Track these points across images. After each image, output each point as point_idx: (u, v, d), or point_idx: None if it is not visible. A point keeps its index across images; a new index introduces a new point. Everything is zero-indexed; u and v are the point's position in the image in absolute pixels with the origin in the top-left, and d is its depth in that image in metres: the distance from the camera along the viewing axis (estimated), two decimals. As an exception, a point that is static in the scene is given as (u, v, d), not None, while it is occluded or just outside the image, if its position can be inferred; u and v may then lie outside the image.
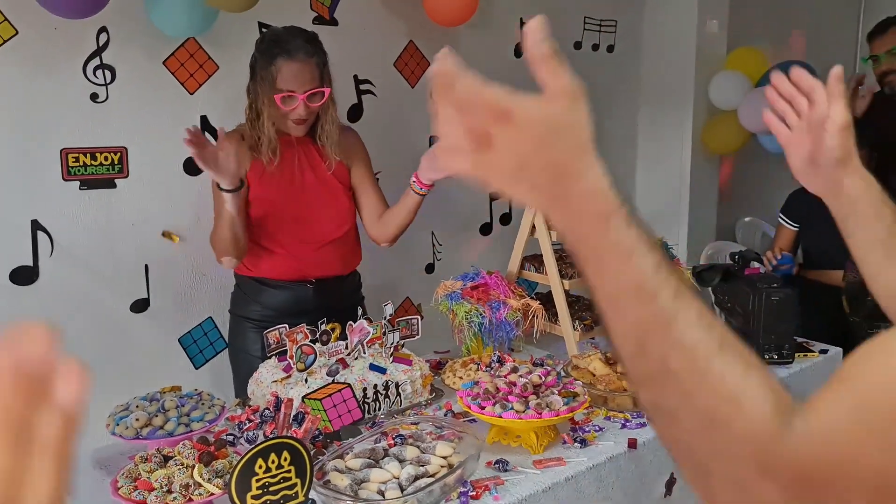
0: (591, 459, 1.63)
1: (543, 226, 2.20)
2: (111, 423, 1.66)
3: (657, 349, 0.60)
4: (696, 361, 0.58)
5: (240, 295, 2.37)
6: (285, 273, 2.28)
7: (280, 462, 1.35)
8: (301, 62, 2.11)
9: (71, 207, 2.40)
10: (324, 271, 2.32)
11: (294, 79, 2.11)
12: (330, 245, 2.32)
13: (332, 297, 2.31)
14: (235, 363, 2.38)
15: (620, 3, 3.85)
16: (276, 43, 2.14)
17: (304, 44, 2.13)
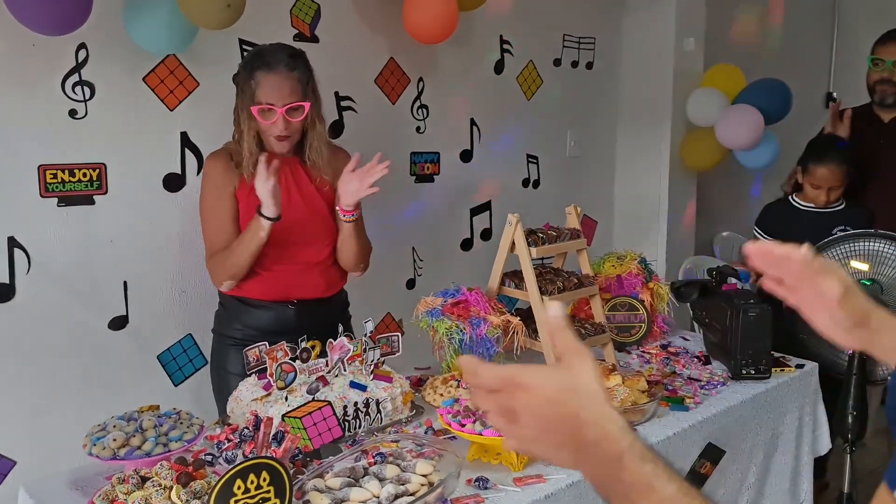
0: (571, 476, 1.64)
1: (523, 242, 2.21)
2: (88, 443, 1.64)
3: None
4: None
5: (223, 314, 2.35)
6: (268, 293, 2.26)
7: (259, 482, 1.35)
8: (281, 75, 2.10)
9: (48, 224, 2.38)
10: (306, 293, 2.29)
11: (272, 92, 2.09)
12: (314, 267, 2.29)
13: (315, 317, 2.28)
14: (217, 382, 2.35)
15: (599, 21, 3.89)
16: (257, 56, 2.15)
17: (286, 58, 2.12)
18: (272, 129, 2.14)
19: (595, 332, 2.30)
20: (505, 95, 3.56)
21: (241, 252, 2.15)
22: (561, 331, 0.74)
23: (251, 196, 2.15)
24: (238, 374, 2.19)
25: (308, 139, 2.23)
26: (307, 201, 2.26)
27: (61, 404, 2.45)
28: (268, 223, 2.08)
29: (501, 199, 3.60)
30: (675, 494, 0.66)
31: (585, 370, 0.72)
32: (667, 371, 2.29)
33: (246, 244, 2.13)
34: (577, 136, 3.89)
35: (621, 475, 0.68)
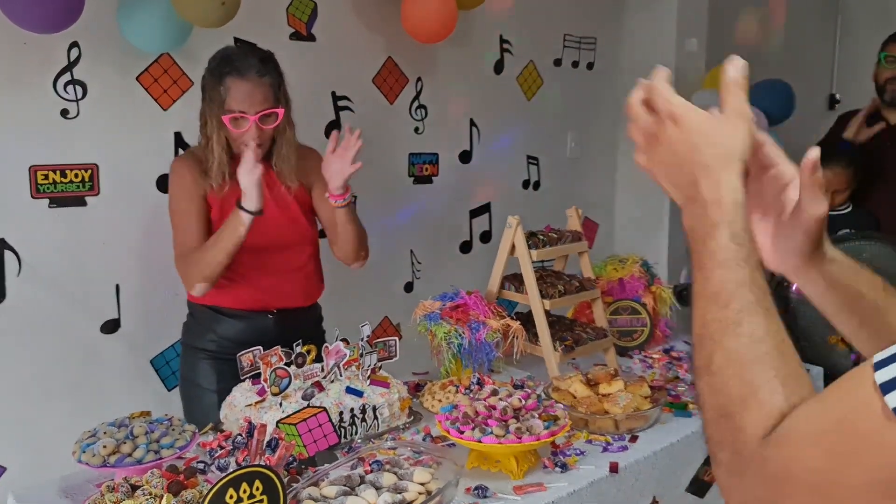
0: (572, 484, 1.60)
1: (524, 244, 2.17)
2: (77, 450, 1.60)
3: (710, 346, 0.69)
4: (732, 363, 0.67)
5: (193, 325, 2.25)
6: (244, 302, 2.18)
7: (252, 491, 1.30)
8: (253, 82, 2.02)
9: (39, 226, 2.34)
10: (285, 301, 2.22)
11: (245, 99, 2.01)
12: (291, 273, 2.22)
13: (294, 328, 2.14)
14: (187, 397, 2.25)
15: (600, 21, 3.86)
16: (226, 61, 2.05)
17: (256, 63, 2.03)
18: (244, 138, 2.05)
19: (597, 336, 2.26)
20: (505, 96, 3.52)
21: (217, 251, 2.03)
22: (737, 88, 0.76)
23: (224, 201, 2.09)
24: (211, 390, 2.14)
25: (277, 145, 2.15)
26: (280, 205, 2.18)
27: (52, 409, 2.40)
28: (248, 218, 1.99)
29: (501, 201, 3.56)
30: (741, 281, 0.69)
31: (739, 134, 0.75)
32: (669, 376, 2.25)
33: (224, 241, 2.02)
34: (578, 137, 3.85)
35: (708, 241, 0.72)
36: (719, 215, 0.72)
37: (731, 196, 0.73)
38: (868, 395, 0.56)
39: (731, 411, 0.66)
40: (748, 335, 0.67)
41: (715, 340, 0.68)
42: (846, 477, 0.57)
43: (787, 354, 0.67)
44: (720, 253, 0.71)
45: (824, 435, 0.59)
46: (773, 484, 0.62)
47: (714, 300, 0.70)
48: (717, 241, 0.71)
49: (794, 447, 0.61)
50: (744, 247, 0.71)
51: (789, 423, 0.62)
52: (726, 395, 0.66)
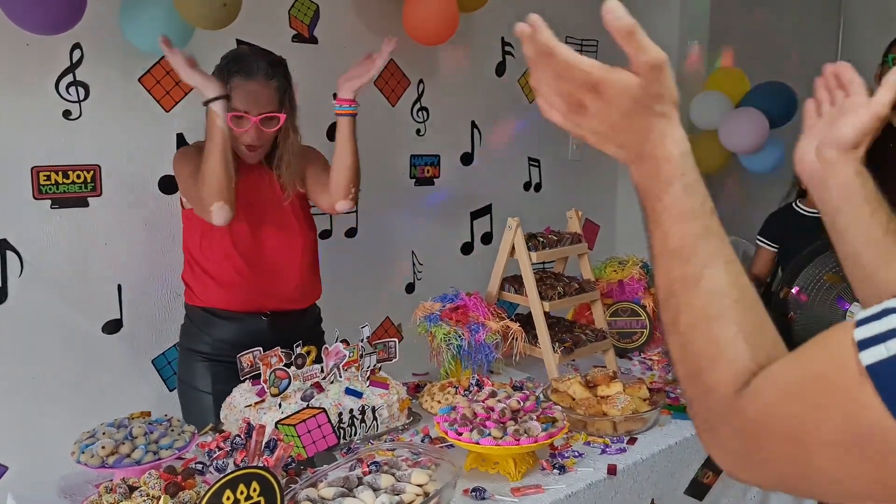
0: (570, 487, 1.60)
1: (523, 246, 2.17)
2: (76, 450, 1.61)
3: (675, 305, 0.69)
4: (698, 321, 0.67)
5: (190, 327, 2.24)
6: (239, 304, 2.17)
7: (249, 493, 1.31)
8: (259, 83, 2.02)
9: (41, 227, 2.35)
10: (280, 303, 2.21)
11: (249, 99, 2.02)
12: (285, 276, 2.20)
13: (289, 331, 2.14)
14: (184, 400, 2.25)
15: (602, 24, 3.85)
16: (235, 61, 2.06)
17: (265, 65, 2.04)
18: (243, 138, 2.06)
19: (596, 338, 2.26)
20: (506, 98, 3.52)
21: (211, 158, 1.97)
22: (631, 36, 0.72)
23: None
24: (208, 392, 2.14)
25: (279, 151, 2.14)
26: (279, 208, 2.18)
27: (54, 409, 2.41)
28: (219, 105, 1.95)
29: (502, 203, 3.56)
30: (699, 231, 0.69)
31: (659, 83, 0.72)
32: (669, 378, 2.25)
33: (211, 143, 1.97)
34: (580, 140, 3.84)
35: (663, 196, 0.71)
36: (670, 170, 0.72)
37: (678, 148, 0.72)
38: (846, 350, 0.57)
39: (700, 368, 0.67)
40: (709, 290, 0.68)
41: (679, 298, 0.69)
42: (820, 427, 0.58)
43: (749, 306, 0.68)
44: (675, 207, 0.71)
45: (803, 386, 0.60)
46: (749, 435, 0.63)
47: (676, 256, 0.70)
48: (671, 196, 0.71)
49: (772, 398, 0.61)
50: (698, 196, 0.71)
51: (767, 376, 0.63)
52: (695, 354, 0.68)
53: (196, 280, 2.18)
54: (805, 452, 0.59)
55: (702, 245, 0.69)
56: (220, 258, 2.13)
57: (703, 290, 0.68)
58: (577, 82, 0.73)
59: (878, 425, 0.54)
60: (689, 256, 0.69)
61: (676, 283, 0.70)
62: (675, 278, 0.70)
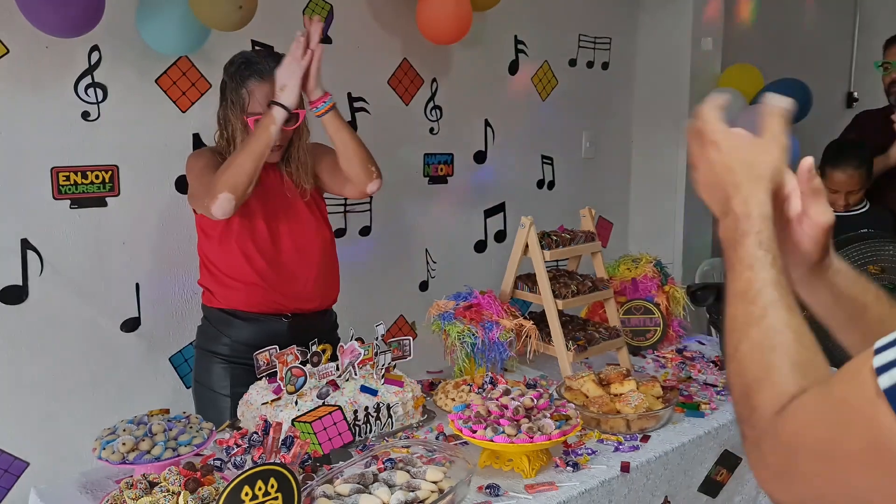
0: (584, 484, 1.61)
1: (537, 245, 2.18)
2: (98, 446, 1.63)
3: (736, 337, 0.77)
4: (754, 350, 0.74)
5: (208, 328, 2.24)
6: (259, 305, 2.16)
7: (267, 489, 1.33)
8: (274, 84, 2.02)
9: (61, 226, 2.38)
10: (300, 304, 2.20)
11: (267, 101, 2.02)
12: (305, 276, 2.20)
13: (308, 333, 2.08)
14: (200, 401, 2.24)
15: (615, 21, 3.86)
16: (247, 65, 2.06)
17: (276, 66, 2.03)
18: None
19: (609, 336, 2.27)
20: (519, 96, 3.53)
21: (246, 154, 1.96)
22: (777, 118, 0.86)
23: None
24: (224, 394, 2.14)
25: (293, 148, 2.15)
26: (296, 207, 2.18)
27: (74, 406, 2.45)
28: (282, 115, 1.95)
29: (515, 201, 3.57)
30: (767, 281, 0.77)
31: (771, 158, 0.84)
32: (682, 376, 2.26)
33: (253, 142, 1.96)
34: (593, 137, 3.85)
35: (738, 247, 0.81)
36: (748, 225, 0.81)
37: (758, 210, 0.82)
38: (865, 376, 0.62)
39: (750, 391, 0.74)
40: (770, 327, 0.75)
41: (741, 331, 0.77)
42: (844, 445, 0.63)
43: (805, 344, 0.74)
44: (748, 258, 0.80)
45: (828, 410, 0.66)
46: (784, 452, 0.69)
47: (742, 297, 0.78)
48: (745, 248, 0.80)
49: (803, 420, 0.67)
50: (770, 253, 0.79)
51: (801, 401, 0.69)
52: (747, 378, 0.75)
53: (216, 283, 2.18)
54: (834, 470, 0.65)
55: (767, 291, 0.77)
56: (240, 260, 2.13)
57: (764, 327, 0.75)
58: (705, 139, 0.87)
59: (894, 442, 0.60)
60: (755, 298, 0.77)
61: (740, 318, 0.78)
62: (739, 314, 0.78)
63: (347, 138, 2.12)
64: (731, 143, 0.85)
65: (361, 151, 2.14)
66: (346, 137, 2.11)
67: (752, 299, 0.77)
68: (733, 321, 0.78)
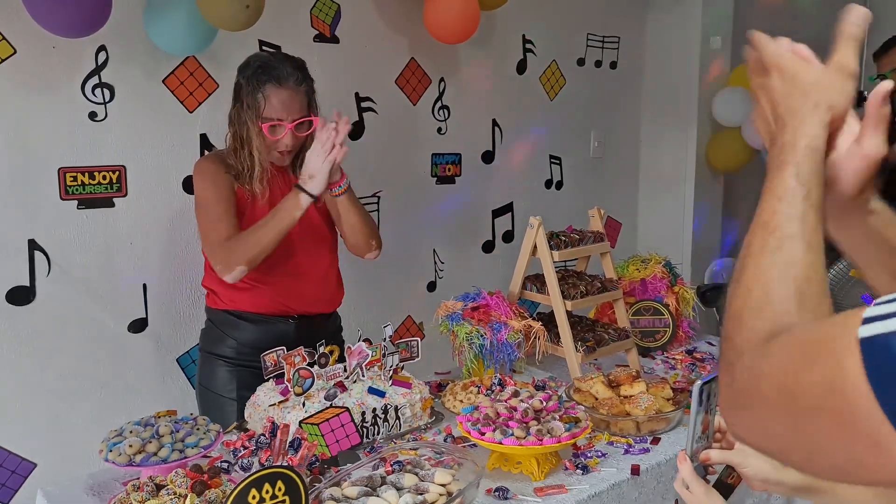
0: (594, 487, 1.60)
1: (545, 245, 2.17)
2: (104, 448, 1.63)
3: (746, 262, 0.75)
4: (762, 275, 0.72)
5: (212, 330, 2.22)
6: (266, 306, 2.15)
7: (274, 492, 1.32)
8: (291, 90, 2.02)
9: (68, 227, 2.38)
10: (306, 306, 2.19)
11: (283, 107, 2.02)
12: (312, 278, 2.19)
13: (314, 335, 2.08)
14: (205, 405, 2.22)
15: (623, 20, 3.84)
16: (264, 69, 2.03)
17: (293, 70, 2.03)
18: (278, 145, 2.06)
19: (619, 337, 2.25)
20: (527, 95, 3.51)
21: (268, 230, 1.98)
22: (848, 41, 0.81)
23: (247, 205, 2.10)
24: (231, 398, 2.12)
25: (304, 152, 2.11)
26: None
27: (81, 407, 2.45)
28: (308, 201, 1.97)
29: (524, 201, 3.56)
30: (792, 215, 0.74)
31: (834, 87, 0.80)
32: (692, 377, 2.24)
33: (277, 221, 1.98)
34: (601, 137, 3.84)
35: (775, 177, 0.77)
36: (790, 155, 0.77)
37: (804, 140, 0.78)
38: (852, 323, 0.59)
39: (746, 314, 0.71)
40: (784, 259, 0.72)
41: (754, 257, 0.74)
42: (802, 377, 0.61)
43: (814, 281, 0.71)
44: (780, 188, 0.76)
45: (805, 344, 0.64)
46: (751, 377, 0.67)
47: (764, 227, 0.75)
48: (781, 178, 0.77)
49: (780, 348, 0.65)
50: (805, 186, 0.76)
51: (787, 332, 0.67)
52: (745, 301, 0.72)
53: (222, 285, 2.15)
54: (790, 409, 0.62)
55: (791, 225, 0.74)
56: None
57: (778, 258, 0.73)
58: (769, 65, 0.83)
59: (853, 391, 0.56)
60: (775, 229, 0.74)
61: (755, 245, 0.75)
62: (756, 242, 0.75)
63: (356, 218, 2.15)
64: (795, 68, 0.81)
65: (367, 229, 2.19)
66: (354, 218, 2.15)
67: (773, 230, 0.74)
68: (748, 248, 0.76)
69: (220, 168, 2.11)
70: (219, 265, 2.06)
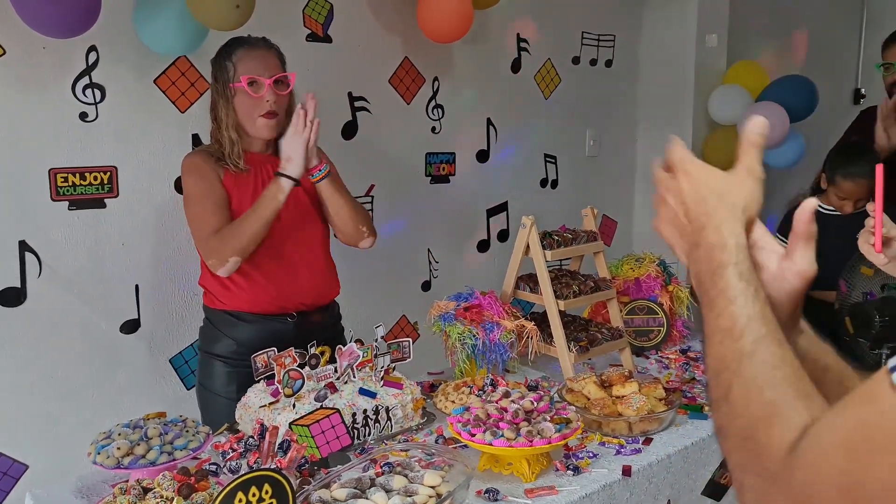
0: (584, 488, 1.59)
1: (538, 245, 2.16)
2: (93, 451, 1.62)
3: (727, 378, 0.70)
4: (751, 390, 0.68)
5: (210, 330, 2.21)
6: (263, 306, 2.14)
7: (261, 495, 1.31)
8: (262, 50, 2.09)
9: (59, 228, 2.37)
10: (302, 299, 2.18)
11: (258, 64, 2.05)
12: (305, 269, 2.17)
13: (314, 331, 2.09)
14: (204, 403, 2.22)
15: (618, 18, 3.83)
16: (230, 43, 2.11)
17: (262, 40, 2.12)
18: (260, 106, 2.05)
19: (612, 336, 2.24)
20: (522, 94, 3.50)
21: (254, 220, 2.00)
22: (752, 147, 0.81)
23: (236, 192, 2.09)
24: (227, 398, 2.10)
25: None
26: (293, 198, 2.12)
27: (73, 408, 2.44)
28: (289, 184, 1.98)
29: (518, 200, 3.55)
30: (752, 315, 0.72)
31: (745, 190, 0.79)
32: (686, 377, 2.23)
33: (262, 209, 2.00)
34: (597, 136, 3.82)
35: (717, 280, 0.75)
36: (726, 256, 0.75)
37: (734, 239, 0.76)
38: (886, 394, 0.56)
39: (754, 432, 0.66)
40: (764, 363, 0.69)
41: (732, 370, 0.70)
42: (872, 477, 0.56)
43: (802, 378, 0.69)
44: (730, 291, 0.74)
45: (847, 438, 0.59)
46: (801, 494, 0.61)
47: (728, 334, 0.72)
48: (725, 280, 0.74)
49: (819, 454, 0.60)
50: (751, 284, 0.74)
51: (812, 433, 0.62)
52: (748, 418, 0.68)
53: (218, 284, 2.15)
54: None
55: (754, 325, 0.71)
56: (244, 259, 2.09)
57: (756, 363, 0.69)
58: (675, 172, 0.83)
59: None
60: (741, 334, 0.71)
61: (728, 357, 0.71)
62: (726, 354, 0.72)
63: (341, 203, 2.15)
64: (703, 173, 0.81)
65: (354, 214, 2.18)
66: (339, 203, 2.15)
67: (739, 335, 0.71)
68: (720, 361, 0.72)
69: (207, 161, 2.11)
70: (211, 259, 2.06)
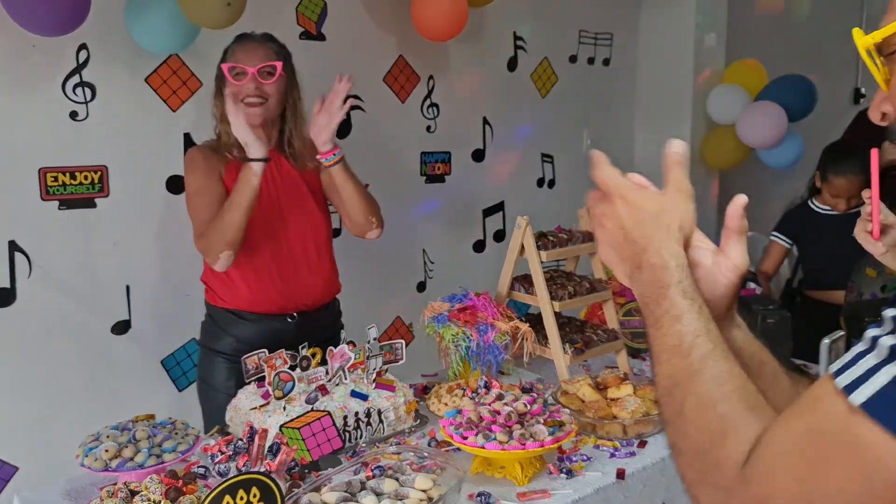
0: (578, 491, 1.57)
1: (533, 245, 2.14)
2: (81, 453, 1.60)
3: (679, 395, 0.72)
4: (704, 405, 0.70)
5: (211, 326, 2.22)
6: (265, 305, 2.14)
7: (249, 499, 1.29)
8: (255, 42, 2.10)
9: (49, 228, 2.35)
10: (304, 298, 2.18)
11: (244, 55, 2.07)
12: (307, 267, 2.18)
13: (315, 330, 2.14)
14: (205, 399, 2.22)
15: (616, 17, 3.81)
16: (235, 38, 2.14)
17: (261, 35, 2.13)
18: (243, 92, 2.06)
19: (608, 338, 2.22)
20: (518, 93, 3.48)
21: (234, 209, 1.99)
22: (676, 166, 0.84)
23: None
24: (225, 393, 2.09)
25: (288, 124, 2.15)
26: (295, 195, 2.16)
27: (64, 410, 2.41)
28: (259, 166, 1.97)
29: (515, 200, 3.52)
30: (698, 332, 0.73)
31: (676, 206, 0.82)
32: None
33: (238, 196, 1.99)
34: (594, 135, 3.80)
35: (661, 300, 0.77)
36: (668, 276, 0.78)
37: (675, 260, 0.79)
38: (831, 399, 0.58)
39: (710, 446, 0.68)
40: (713, 378, 0.71)
41: (683, 387, 0.72)
42: (825, 480, 0.58)
43: (751, 390, 0.70)
44: (674, 310, 0.76)
45: (797, 445, 0.61)
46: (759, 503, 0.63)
47: (676, 352, 0.74)
48: (670, 300, 0.76)
49: (771, 464, 0.62)
50: (695, 302, 0.76)
51: (764, 442, 0.63)
52: (702, 433, 0.69)
53: (219, 282, 2.15)
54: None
55: (701, 342, 0.73)
56: (246, 257, 2.10)
57: (706, 379, 0.71)
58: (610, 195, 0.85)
59: (884, 456, 0.55)
60: (689, 351, 0.73)
61: (678, 375, 0.73)
62: (676, 371, 0.73)
63: (352, 190, 2.15)
64: (638, 197, 0.83)
65: (364, 203, 2.18)
66: (350, 189, 2.15)
67: (687, 353, 0.73)
68: (670, 379, 0.73)
69: (208, 156, 2.11)
70: (205, 255, 2.08)
